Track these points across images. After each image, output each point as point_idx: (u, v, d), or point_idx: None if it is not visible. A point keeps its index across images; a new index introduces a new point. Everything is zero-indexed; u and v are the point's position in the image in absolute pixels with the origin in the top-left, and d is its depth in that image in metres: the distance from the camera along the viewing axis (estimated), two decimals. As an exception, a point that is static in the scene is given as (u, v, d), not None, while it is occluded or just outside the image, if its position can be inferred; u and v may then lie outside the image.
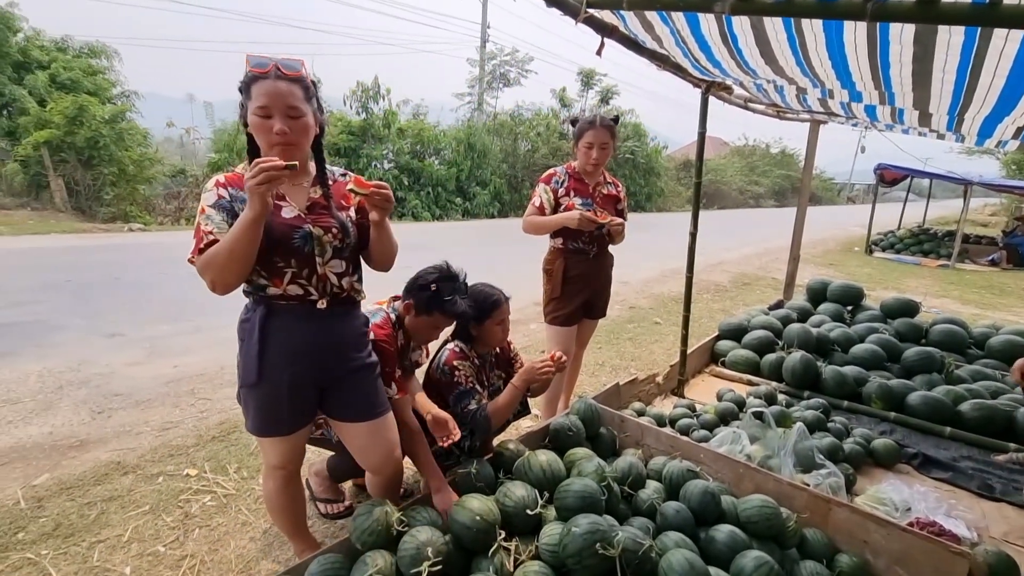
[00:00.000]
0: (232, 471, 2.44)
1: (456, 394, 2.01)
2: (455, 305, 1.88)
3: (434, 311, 1.87)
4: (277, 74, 1.33)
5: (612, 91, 21.55)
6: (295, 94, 1.35)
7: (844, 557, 1.79)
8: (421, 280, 1.89)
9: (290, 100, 1.34)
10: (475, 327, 2.11)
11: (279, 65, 1.34)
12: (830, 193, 44.04)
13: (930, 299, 7.07)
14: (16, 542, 1.95)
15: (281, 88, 1.33)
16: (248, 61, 1.35)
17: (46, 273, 6.09)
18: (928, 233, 12.59)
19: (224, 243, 1.30)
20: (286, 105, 1.34)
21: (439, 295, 1.86)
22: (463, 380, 2.02)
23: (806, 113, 3.73)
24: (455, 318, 1.96)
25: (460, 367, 2.03)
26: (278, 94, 1.33)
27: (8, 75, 11.44)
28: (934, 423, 2.93)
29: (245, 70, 1.36)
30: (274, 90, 1.32)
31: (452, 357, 2.06)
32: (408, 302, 1.91)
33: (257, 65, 1.33)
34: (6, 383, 3.29)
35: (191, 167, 14.25)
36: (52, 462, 2.48)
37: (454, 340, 2.16)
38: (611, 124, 2.48)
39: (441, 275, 1.90)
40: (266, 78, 1.33)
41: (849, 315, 4.24)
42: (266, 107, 1.33)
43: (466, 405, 1.99)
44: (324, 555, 1.52)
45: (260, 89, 1.33)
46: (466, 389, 2.01)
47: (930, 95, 2.01)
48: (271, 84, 1.33)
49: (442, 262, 1.95)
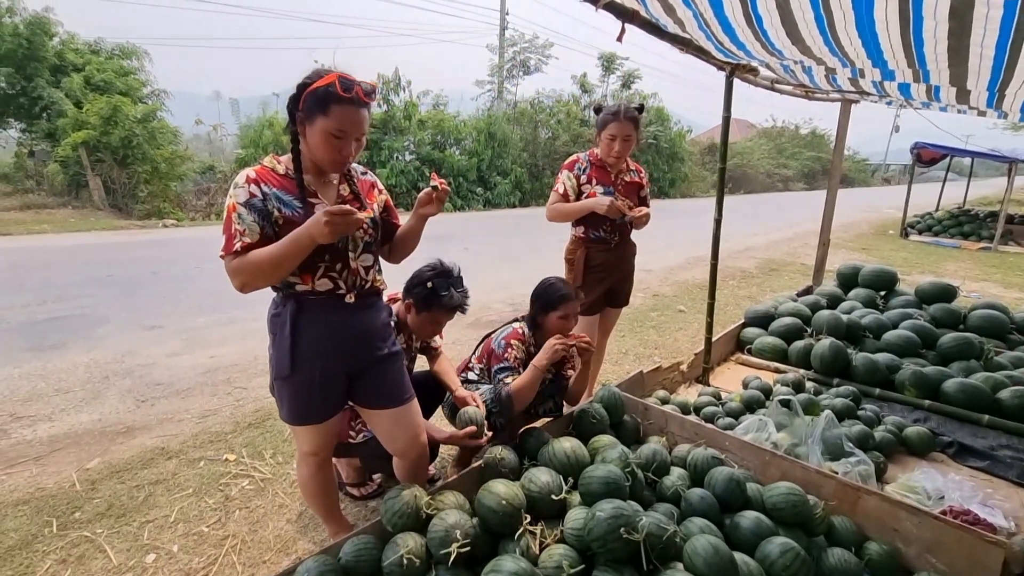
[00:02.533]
0: (268, 456, 2.55)
1: (499, 367, 2.14)
2: (451, 299, 1.98)
3: (432, 307, 1.98)
4: (359, 101, 1.35)
5: (634, 75, 21.16)
6: (367, 119, 1.40)
7: (873, 545, 1.78)
8: (418, 279, 1.99)
9: (364, 127, 1.39)
10: (541, 316, 2.23)
11: (363, 90, 1.34)
12: (863, 175, 42.39)
13: (969, 283, 6.80)
14: (74, 521, 2.09)
15: (362, 115, 1.37)
16: (336, 81, 1.30)
17: (89, 269, 6.37)
18: (969, 214, 12.03)
19: (272, 255, 1.34)
20: (361, 131, 1.39)
21: (435, 292, 1.96)
22: (511, 358, 2.15)
23: (836, 93, 3.61)
24: (453, 311, 2.05)
25: (514, 347, 2.18)
26: (358, 121, 1.37)
27: (46, 79, 11.89)
28: (971, 411, 2.84)
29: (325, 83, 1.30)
30: (355, 117, 1.36)
31: (512, 336, 2.20)
32: (408, 301, 2.02)
33: (344, 87, 1.31)
34: (57, 373, 3.48)
35: (219, 163, 14.64)
36: (102, 447, 2.63)
37: (520, 322, 2.29)
38: (635, 115, 2.44)
39: (436, 272, 1.99)
40: (350, 103, 1.33)
41: (882, 301, 4.13)
42: (345, 131, 1.36)
43: (504, 377, 2.11)
44: (357, 536, 1.59)
45: (342, 113, 1.33)
46: (510, 365, 2.14)
47: (967, 71, 1.93)
48: (353, 110, 1.35)
49: (435, 259, 2.04)
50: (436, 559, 1.51)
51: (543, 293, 2.24)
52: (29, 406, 3.04)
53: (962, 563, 1.66)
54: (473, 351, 2.43)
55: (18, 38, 11.43)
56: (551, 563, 1.48)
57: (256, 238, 1.37)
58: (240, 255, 1.36)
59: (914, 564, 1.75)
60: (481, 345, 2.39)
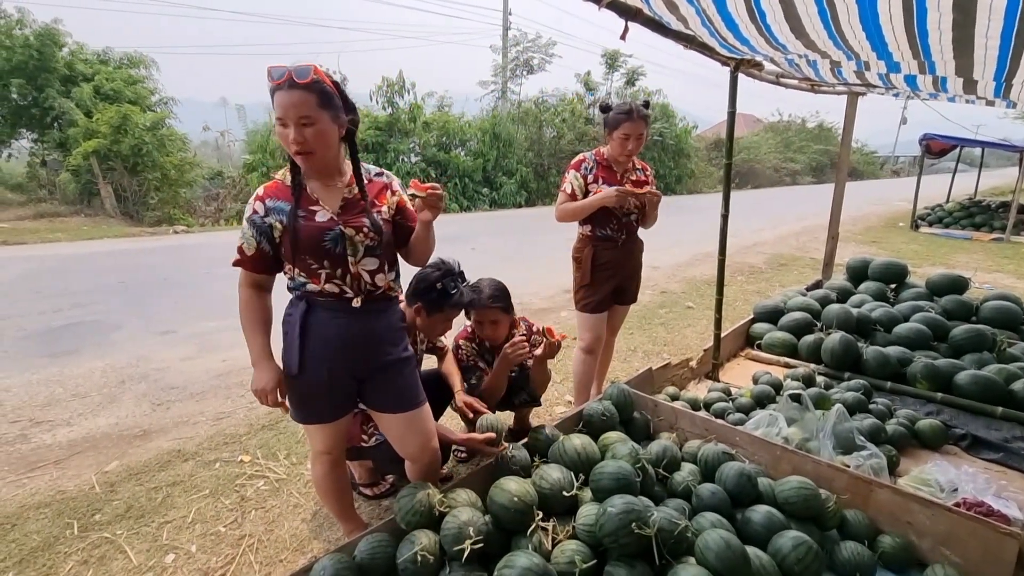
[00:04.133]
0: (282, 457, 2.58)
1: (463, 368, 2.32)
2: (462, 297, 2.06)
3: (444, 307, 2.02)
4: (291, 83, 1.34)
5: (638, 72, 21.09)
6: (307, 102, 1.35)
7: (886, 538, 1.78)
8: (424, 282, 2.00)
9: (302, 109, 1.35)
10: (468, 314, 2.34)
11: (292, 73, 1.34)
12: (872, 167, 41.94)
13: (981, 275, 6.72)
14: (94, 523, 2.13)
15: (294, 98, 1.34)
16: (268, 72, 1.36)
17: (102, 276, 6.47)
18: (980, 205, 11.87)
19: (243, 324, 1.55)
20: (299, 115, 1.35)
21: (446, 292, 1.99)
22: (464, 357, 2.35)
23: (842, 86, 3.59)
24: (463, 308, 2.13)
25: (463, 346, 2.37)
26: (291, 104, 1.34)
27: (57, 89, 12.09)
28: (984, 403, 2.82)
29: (268, 79, 1.36)
30: (287, 100, 1.34)
31: (461, 335, 2.39)
32: (417, 305, 2.03)
33: (273, 75, 1.35)
34: (74, 379, 3.55)
35: (227, 169, 14.83)
36: (120, 450, 2.68)
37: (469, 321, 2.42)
38: (647, 114, 2.46)
39: (442, 273, 2.01)
40: (282, 88, 1.35)
41: (892, 294, 4.09)
42: (282, 117, 1.37)
43: (469, 379, 2.30)
44: (372, 534, 1.61)
45: (278, 99, 1.35)
46: (468, 365, 2.33)
47: (973, 62, 1.92)
48: (285, 94, 1.34)
49: (435, 259, 2.03)
50: (450, 556, 1.53)
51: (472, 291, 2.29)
52: (48, 411, 3.10)
53: (976, 555, 1.65)
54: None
55: (29, 49, 11.64)
56: (563, 559, 1.50)
57: (253, 251, 1.49)
58: (248, 273, 1.53)
59: (928, 556, 1.75)
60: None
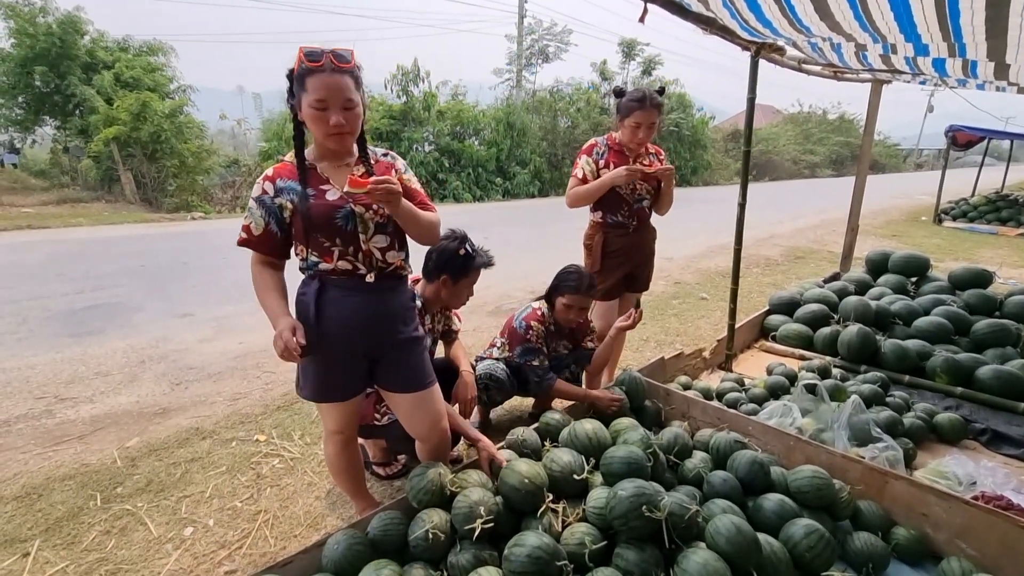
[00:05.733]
0: (297, 437, 2.63)
1: (524, 347, 2.36)
2: (483, 257, 2.12)
3: (469, 271, 2.08)
4: (332, 67, 1.34)
5: (655, 61, 20.75)
6: (349, 85, 1.37)
7: (901, 530, 1.76)
8: (446, 252, 2.05)
9: (346, 92, 1.37)
10: (553, 297, 2.40)
11: (333, 57, 1.35)
12: (895, 160, 40.91)
13: (1007, 270, 6.55)
14: (116, 495, 2.19)
15: (337, 81, 1.35)
16: (302, 54, 1.36)
17: (123, 259, 6.60)
18: (1007, 199, 11.51)
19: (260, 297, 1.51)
20: (343, 98, 1.37)
21: (470, 255, 2.07)
22: (533, 339, 2.36)
23: (866, 72, 3.50)
24: (487, 267, 2.17)
25: (534, 327, 2.37)
26: (335, 87, 1.35)
27: (78, 76, 12.27)
28: (1006, 398, 2.76)
29: (298, 62, 1.36)
30: (331, 83, 1.35)
31: (531, 317, 2.40)
32: (443, 278, 2.07)
33: (311, 57, 1.34)
34: (97, 358, 3.63)
35: (244, 157, 14.94)
36: (140, 427, 2.74)
37: (540, 301, 2.48)
38: (660, 102, 2.43)
39: (460, 240, 2.07)
40: (322, 71, 1.34)
41: (913, 287, 4.02)
42: (323, 100, 1.36)
43: (529, 360, 2.35)
44: (384, 512, 1.64)
45: (317, 82, 1.35)
46: (534, 347, 2.35)
47: (1007, 44, 1.85)
48: (328, 77, 1.34)
49: (447, 230, 2.08)
50: (460, 534, 1.54)
51: (560, 275, 2.40)
52: (71, 388, 3.19)
53: (994, 548, 1.63)
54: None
55: (51, 37, 11.81)
56: (573, 540, 1.51)
57: (260, 231, 1.49)
58: (256, 255, 1.52)
59: (943, 549, 1.73)
60: (505, 322, 2.57)
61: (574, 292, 2.33)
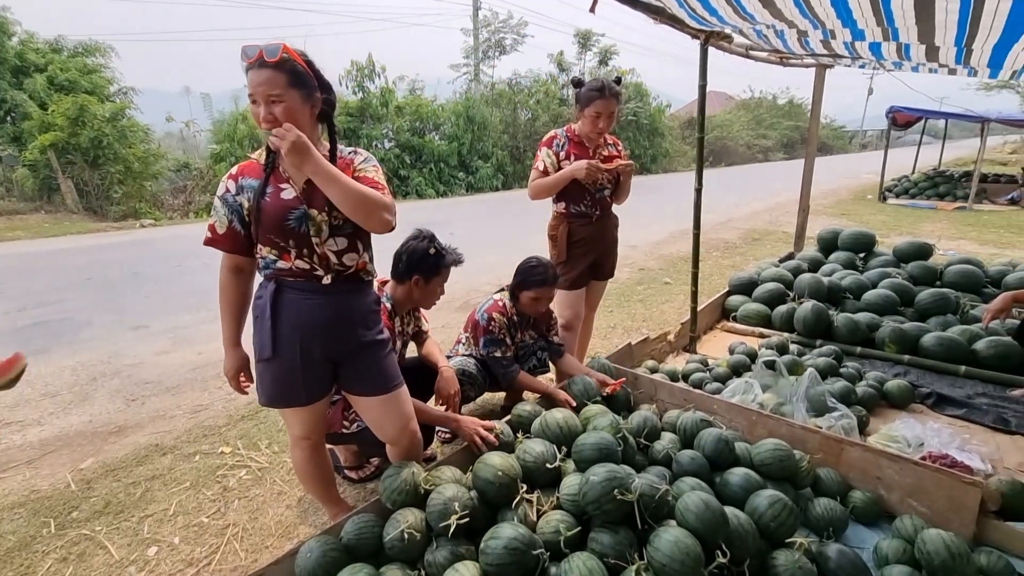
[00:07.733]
0: (264, 447, 2.56)
1: (487, 339, 2.35)
2: (453, 254, 2.11)
3: (441, 269, 2.07)
4: (261, 62, 1.35)
5: (611, 51, 20.98)
6: (277, 80, 1.35)
7: (857, 493, 1.85)
8: (416, 253, 2.04)
9: (271, 87, 1.35)
10: (518, 291, 2.39)
11: (263, 52, 1.34)
12: (841, 141, 42.79)
13: (945, 242, 6.95)
14: (72, 520, 2.08)
15: (263, 76, 1.35)
16: (243, 52, 1.36)
17: (67, 273, 6.24)
18: (944, 175, 12.24)
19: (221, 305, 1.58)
20: (267, 93, 1.36)
21: (440, 253, 2.06)
22: (496, 330, 2.35)
23: (810, 57, 3.63)
24: (458, 264, 2.16)
25: (496, 319, 2.36)
26: (261, 82, 1.35)
27: (8, 80, 11.48)
28: (948, 363, 2.94)
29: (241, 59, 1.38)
30: (257, 79, 1.35)
31: (493, 308, 2.38)
32: (416, 277, 2.04)
33: (245, 54, 1.36)
34: (43, 378, 3.43)
35: (194, 160, 14.32)
36: (95, 447, 2.61)
37: (501, 292, 2.47)
38: (618, 91, 2.45)
39: (428, 239, 2.06)
40: (253, 67, 1.36)
41: (861, 262, 4.22)
42: (252, 95, 1.37)
43: (492, 352, 2.34)
44: (358, 515, 1.61)
45: (249, 78, 1.36)
46: (497, 338, 2.34)
47: (935, 26, 1.95)
48: (256, 73, 1.35)
49: (413, 231, 2.10)
50: (436, 532, 1.54)
51: (524, 271, 2.38)
52: (17, 412, 3.00)
53: (942, 504, 1.74)
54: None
55: (-27, 39, 11.00)
56: (549, 528, 1.52)
57: (224, 230, 1.50)
58: (225, 255, 1.53)
59: (896, 508, 1.83)
60: (467, 317, 2.55)
61: (541, 285, 2.33)
